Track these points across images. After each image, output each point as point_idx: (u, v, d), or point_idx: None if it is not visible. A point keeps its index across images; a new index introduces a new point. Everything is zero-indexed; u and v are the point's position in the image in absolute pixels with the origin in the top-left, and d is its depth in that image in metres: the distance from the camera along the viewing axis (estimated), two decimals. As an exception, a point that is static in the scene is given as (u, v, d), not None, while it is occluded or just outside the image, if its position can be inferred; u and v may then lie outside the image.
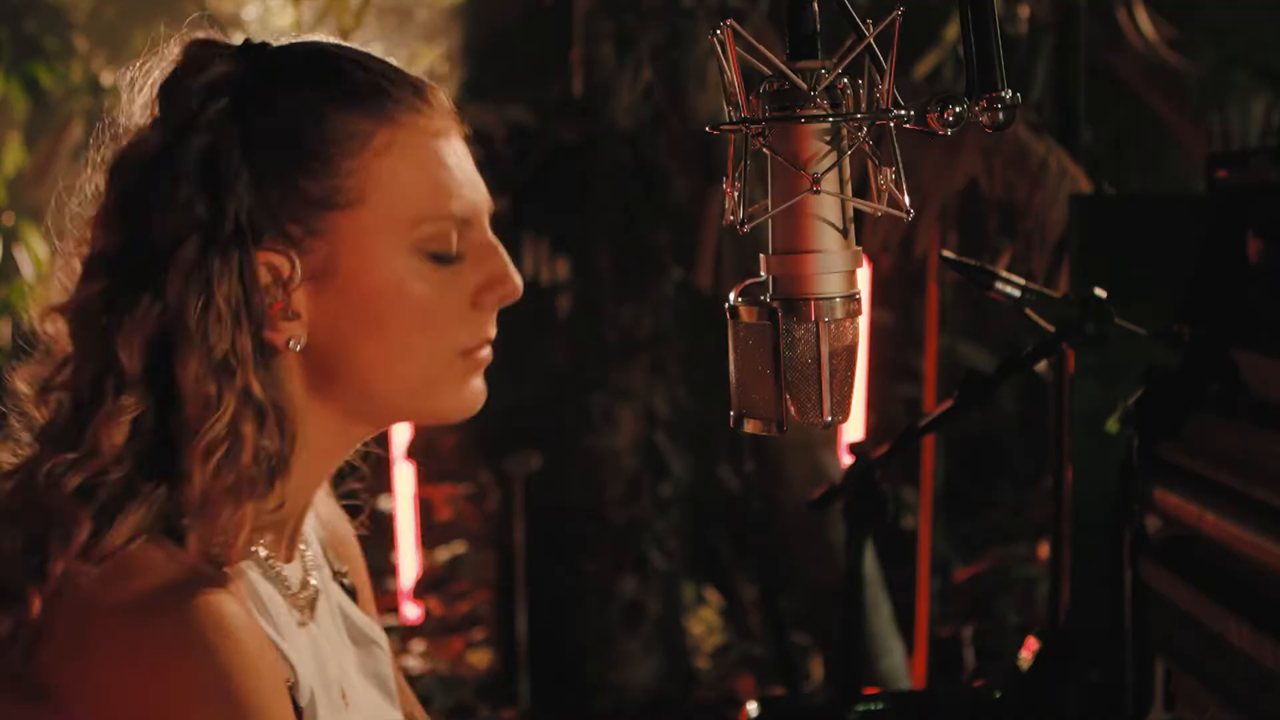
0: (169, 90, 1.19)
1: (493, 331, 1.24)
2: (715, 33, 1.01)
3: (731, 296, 1.05)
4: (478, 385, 1.24)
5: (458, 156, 1.23)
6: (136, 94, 1.21)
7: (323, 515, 1.41)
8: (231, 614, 1.08)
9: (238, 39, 1.24)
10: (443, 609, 5.68)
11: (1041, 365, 2.18)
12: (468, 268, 1.22)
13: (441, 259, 1.20)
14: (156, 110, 1.19)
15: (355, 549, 1.45)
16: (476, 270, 1.22)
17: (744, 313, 1.04)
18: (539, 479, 4.78)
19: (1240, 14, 4.83)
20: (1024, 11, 4.17)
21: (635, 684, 4.88)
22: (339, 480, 1.40)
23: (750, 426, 1.06)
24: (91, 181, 1.21)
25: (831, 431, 4.24)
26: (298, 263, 1.17)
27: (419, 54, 5.63)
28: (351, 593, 1.39)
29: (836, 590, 2.18)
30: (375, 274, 1.18)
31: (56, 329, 1.19)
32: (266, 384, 1.17)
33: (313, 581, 1.28)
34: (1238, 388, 1.88)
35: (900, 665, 4.45)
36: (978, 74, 1.01)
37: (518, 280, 1.24)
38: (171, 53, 1.21)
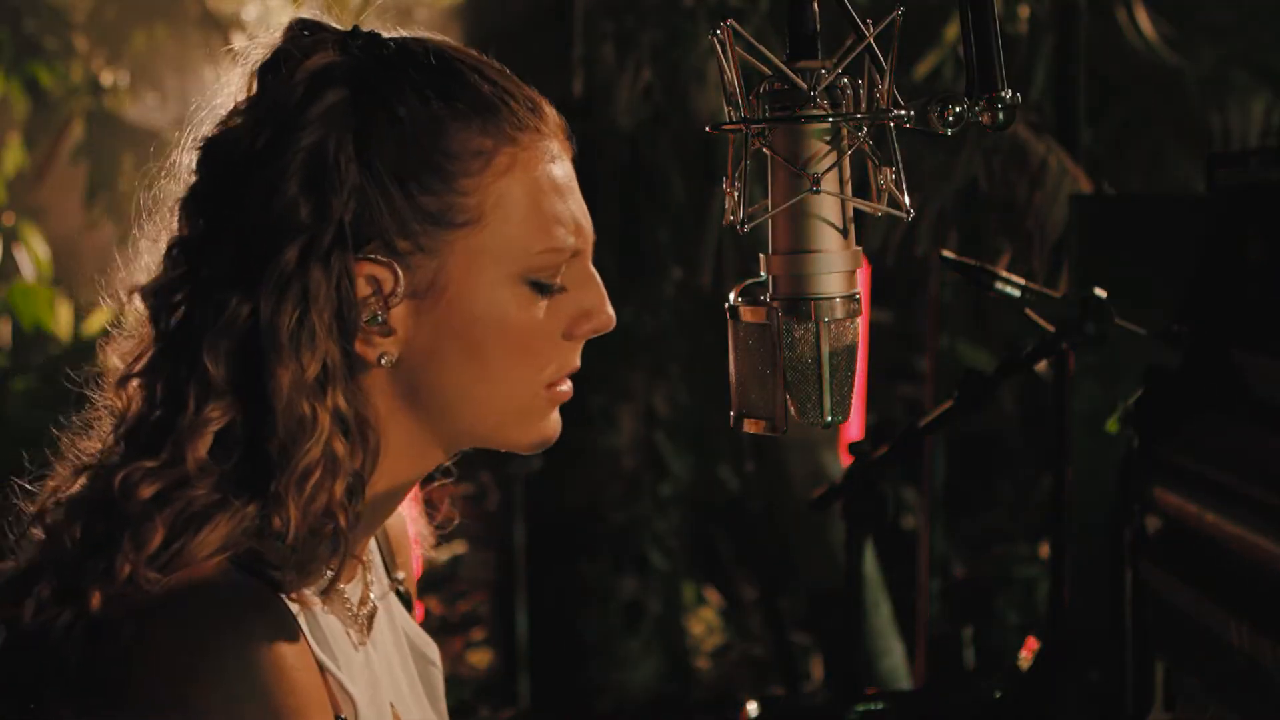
0: (270, 72, 1.14)
1: (578, 363, 1.21)
2: (715, 33, 1.01)
3: (731, 296, 1.05)
4: (555, 419, 1.21)
5: (571, 183, 1.20)
6: (236, 71, 1.15)
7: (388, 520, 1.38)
8: (289, 655, 1.06)
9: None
10: (443, 609, 5.68)
11: (1041, 365, 2.18)
12: (566, 298, 1.18)
13: (544, 289, 1.16)
14: (254, 91, 1.14)
15: (409, 551, 1.43)
16: (574, 301, 1.19)
17: (744, 313, 1.04)
18: (539, 479, 4.78)
19: (1240, 14, 4.83)
20: (1024, 11, 4.17)
21: (635, 684, 4.88)
22: None
23: (750, 426, 1.06)
24: (183, 158, 1.15)
25: (831, 431, 4.24)
26: (402, 277, 1.12)
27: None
28: (407, 600, 1.38)
29: (836, 590, 2.18)
30: (480, 299, 1.14)
31: (140, 312, 1.14)
32: (353, 399, 1.12)
33: (372, 596, 1.26)
34: (1238, 388, 1.88)
35: (900, 665, 4.45)
36: (978, 74, 1.01)
37: (612, 313, 1.21)
38: (273, 32, 1.16)
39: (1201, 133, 4.60)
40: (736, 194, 1.02)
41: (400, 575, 1.39)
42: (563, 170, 1.19)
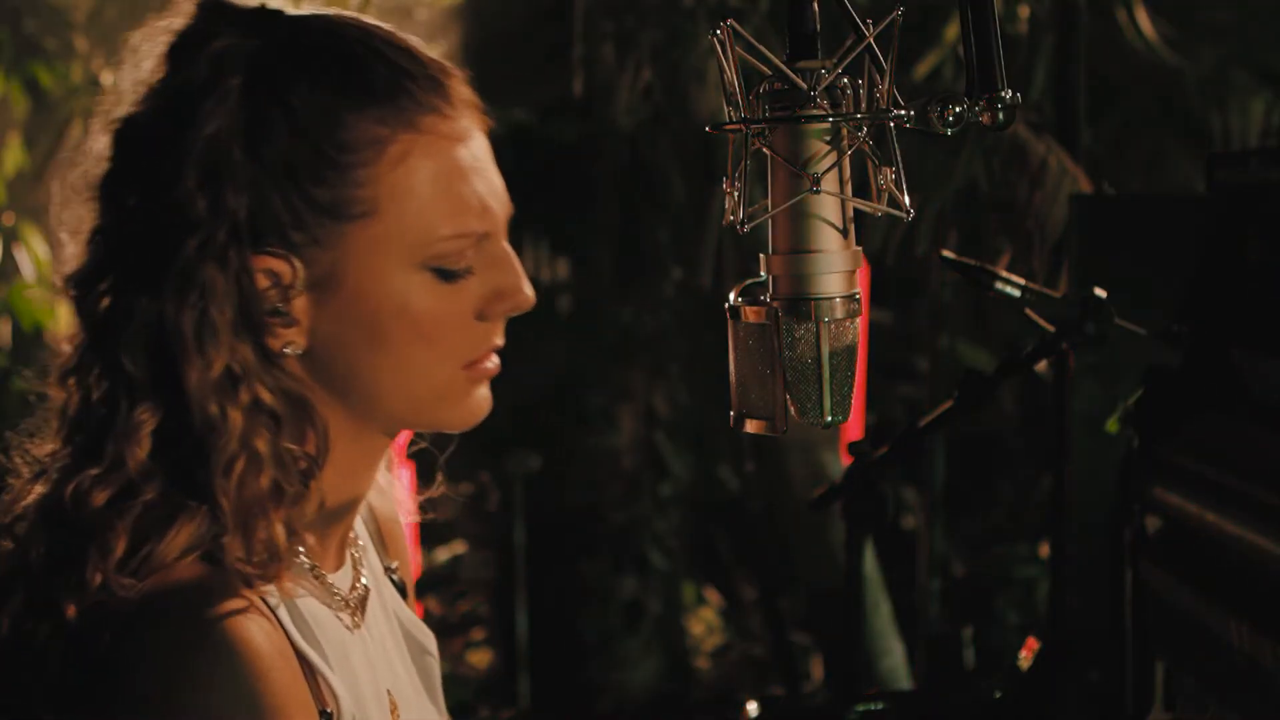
0: (177, 53, 1.11)
1: (500, 340, 1.18)
2: (715, 33, 1.01)
3: (731, 296, 1.05)
4: (482, 395, 1.19)
5: (480, 163, 1.15)
6: (147, 50, 1.13)
7: (376, 506, 1.38)
8: (268, 653, 1.05)
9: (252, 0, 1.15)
10: (443, 609, 5.68)
11: (1041, 365, 2.18)
12: (476, 281, 1.15)
13: (449, 275, 1.14)
14: (164, 72, 1.11)
15: (403, 540, 1.42)
16: (486, 282, 1.16)
17: (744, 313, 1.04)
18: (539, 479, 4.78)
19: (1240, 14, 4.83)
20: (1024, 11, 4.17)
21: (635, 684, 4.88)
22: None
23: (750, 426, 1.06)
24: (97, 141, 1.13)
25: (831, 431, 4.24)
26: (299, 270, 1.10)
27: (419, 54, 5.63)
28: (401, 589, 1.37)
29: (836, 590, 2.18)
30: (380, 289, 1.12)
31: (70, 305, 1.13)
32: (283, 385, 1.11)
33: (363, 580, 1.25)
34: (1238, 388, 1.88)
35: (900, 665, 4.45)
36: (978, 74, 1.01)
37: (529, 291, 1.18)
38: (185, 10, 1.13)
39: (1201, 133, 4.61)
40: (736, 194, 1.02)
41: (394, 564, 1.38)
42: (469, 151, 1.14)
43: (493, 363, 1.19)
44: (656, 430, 5.01)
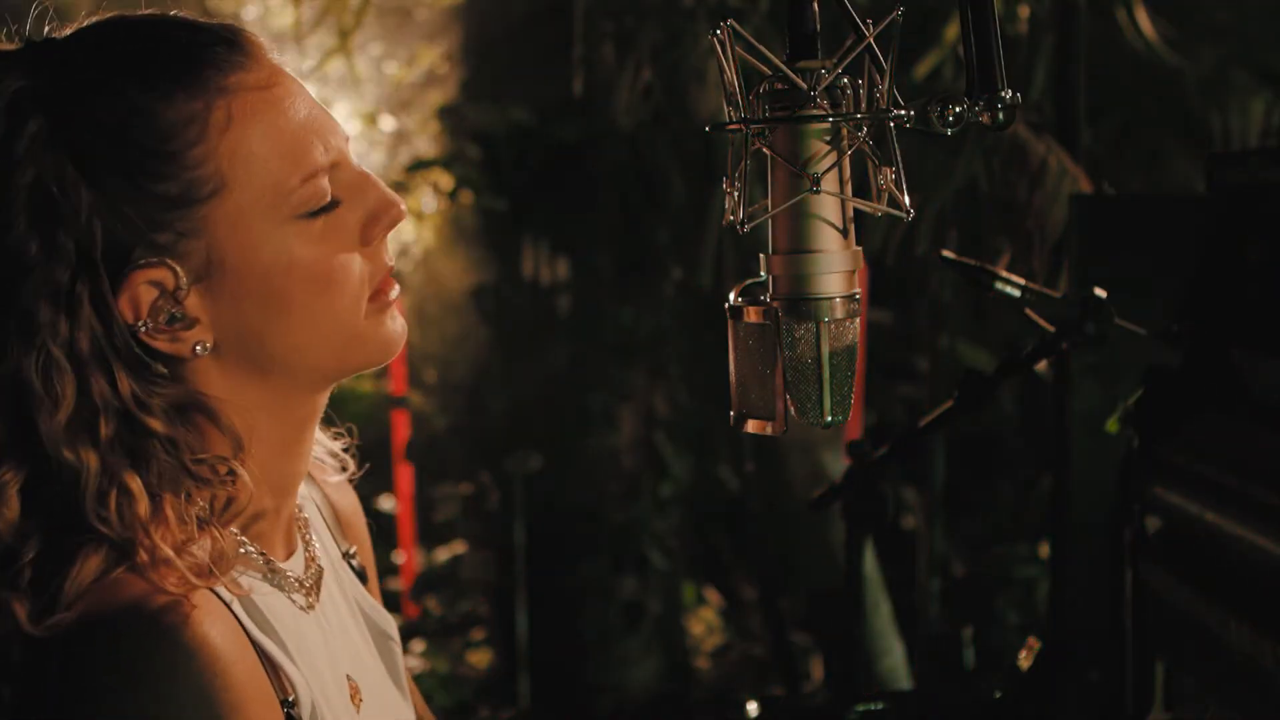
0: None
1: (390, 259, 1.18)
2: (715, 32, 1.01)
3: (731, 296, 1.05)
4: (396, 323, 1.19)
5: (301, 100, 1.14)
6: None
7: (330, 495, 1.38)
8: (222, 647, 1.04)
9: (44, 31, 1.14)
10: (442, 609, 5.68)
11: (1041, 365, 2.18)
12: (346, 209, 1.15)
13: (319, 212, 1.13)
14: None
15: (362, 528, 1.42)
16: (355, 207, 1.15)
17: (744, 313, 1.04)
18: (539, 479, 4.78)
19: (1240, 14, 4.82)
20: (1024, 11, 4.16)
21: (635, 684, 4.88)
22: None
23: (750, 426, 1.06)
24: None
25: (832, 431, 4.24)
26: (179, 270, 1.09)
27: (419, 54, 5.63)
28: (361, 574, 1.37)
29: (836, 590, 2.18)
30: (262, 254, 1.11)
31: None
32: (174, 398, 1.10)
33: (319, 562, 1.25)
34: (1238, 388, 1.88)
35: (900, 665, 4.45)
36: (978, 74, 1.01)
37: (399, 201, 1.17)
38: None
39: (1201, 133, 4.60)
40: (736, 194, 1.02)
41: (352, 548, 1.37)
42: (285, 92, 1.13)
43: (394, 291, 1.18)
44: (656, 430, 5.01)
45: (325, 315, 1.14)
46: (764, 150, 1.01)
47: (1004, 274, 1.91)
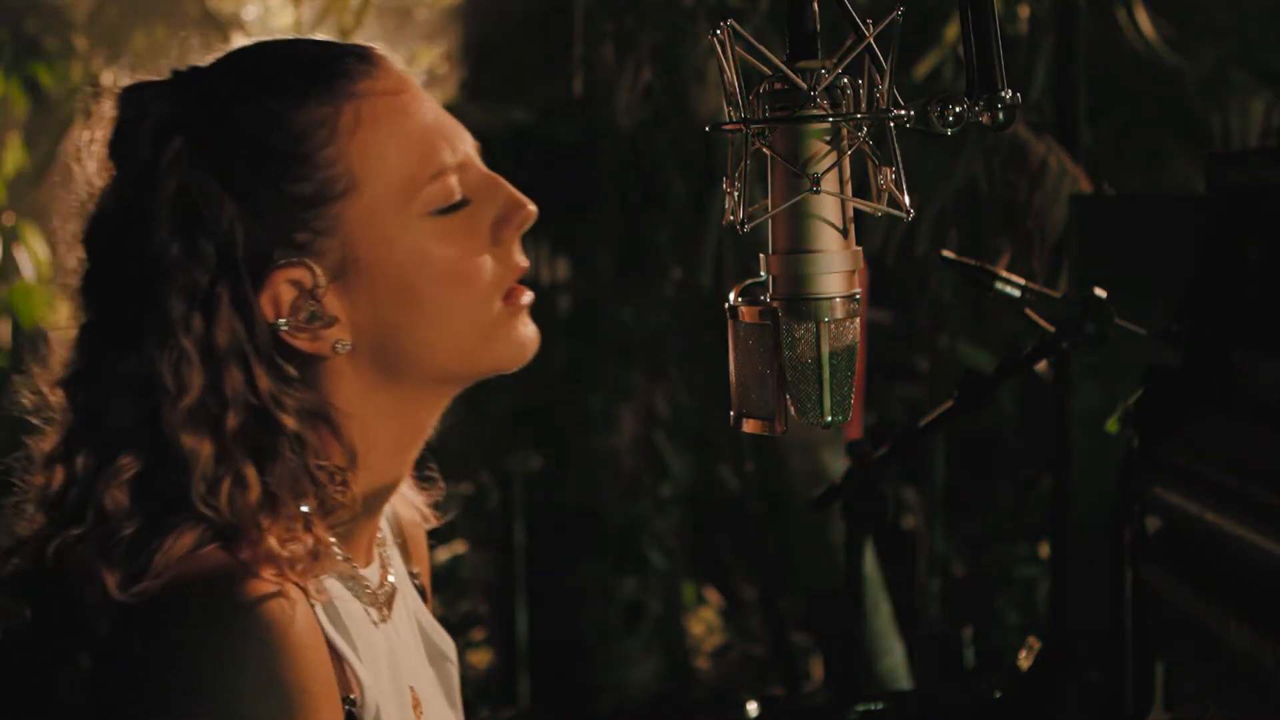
0: (117, 145, 1.16)
1: (523, 260, 1.22)
2: (715, 32, 1.01)
3: (731, 296, 1.05)
4: (529, 328, 1.23)
5: (428, 106, 1.20)
6: (88, 159, 1.18)
7: (400, 513, 1.40)
8: (297, 631, 1.07)
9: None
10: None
11: (1041, 365, 2.18)
12: (477, 208, 1.20)
13: (450, 210, 1.18)
14: (113, 169, 1.16)
15: (425, 550, 1.45)
16: (487, 207, 1.20)
17: (744, 313, 1.04)
18: (539, 479, 4.78)
19: (1240, 14, 4.82)
20: (1024, 11, 4.16)
21: (635, 684, 4.88)
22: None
23: (750, 426, 1.06)
24: (72, 256, 1.18)
25: (831, 431, 4.24)
26: (316, 268, 1.15)
27: (419, 54, 5.63)
28: (423, 594, 1.39)
29: (836, 590, 2.18)
30: (395, 249, 1.16)
31: (59, 402, 1.17)
32: (305, 402, 1.15)
33: (390, 578, 1.28)
34: (1238, 388, 1.88)
35: (900, 665, 4.45)
36: (978, 74, 1.01)
37: (529, 203, 1.22)
38: (106, 109, 1.18)
39: (1201, 133, 4.60)
40: (736, 194, 1.02)
41: (415, 569, 1.40)
42: (415, 98, 1.20)
43: (528, 297, 1.22)
44: (656, 430, 5.01)
45: (457, 312, 1.18)
46: (764, 150, 1.01)
47: (1004, 274, 1.91)
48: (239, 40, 1.23)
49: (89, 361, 1.15)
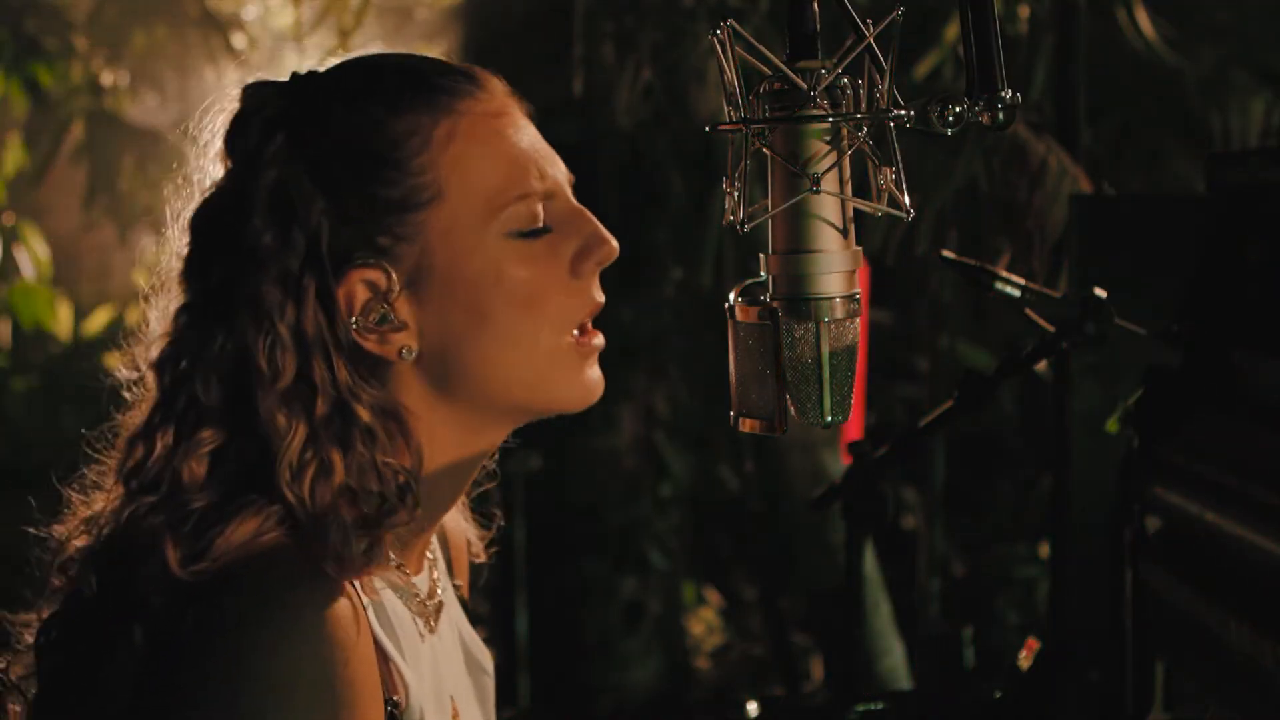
0: (232, 136, 1.20)
1: (600, 297, 1.23)
2: (715, 32, 1.01)
3: (731, 296, 1.05)
4: (595, 373, 1.24)
5: (525, 132, 1.23)
6: (206, 148, 1.22)
7: (448, 527, 1.41)
8: (347, 628, 1.08)
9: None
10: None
11: (1041, 365, 2.18)
12: (559, 238, 1.21)
13: (531, 235, 1.19)
14: (228, 161, 1.20)
15: (466, 565, 1.46)
16: (569, 238, 1.21)
17: (744, 313, 1.04)
18: (539, 479, 4.77)
19: (1240, 14, 4.82)
20: (1024, 11, 4.16)
21: (635, 684, 4.88)
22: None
23: (750, 426, 1.06)
24: (178, 240, 1.22)
25: (831, 431, 4.24)
26: (393, 273, 1.17)
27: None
28: (465, 607, 1.40)
29: (836, 590, 2.18)
30: (471, 264, 1.17)
31: (148, 382, 1.20)
32: (377, 400, 1.17)
33: (439, 591, 1.29)
34: (1238, 388, 1.88)
35: (900, 665, 4.45)
36: (978, 74, 1.01)
37: (613, 241, 1.23)
38: (231, 101, 1.23)
39: (1201, 133, 4.60)
40: (736, 194, 1.02)
41: (458, 582, 1.41)
42: (511, 123, 1.22)
43: (599, 339, 1.24)
44: (656, 430, 5.00)
45: (525, 336, 1.19)
46: (764, 150, 1.01)
47: (1004, 274, 1.91)
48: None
49: (183, 341, 1.17)
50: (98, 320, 6.05)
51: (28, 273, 5.26)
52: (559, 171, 1.24)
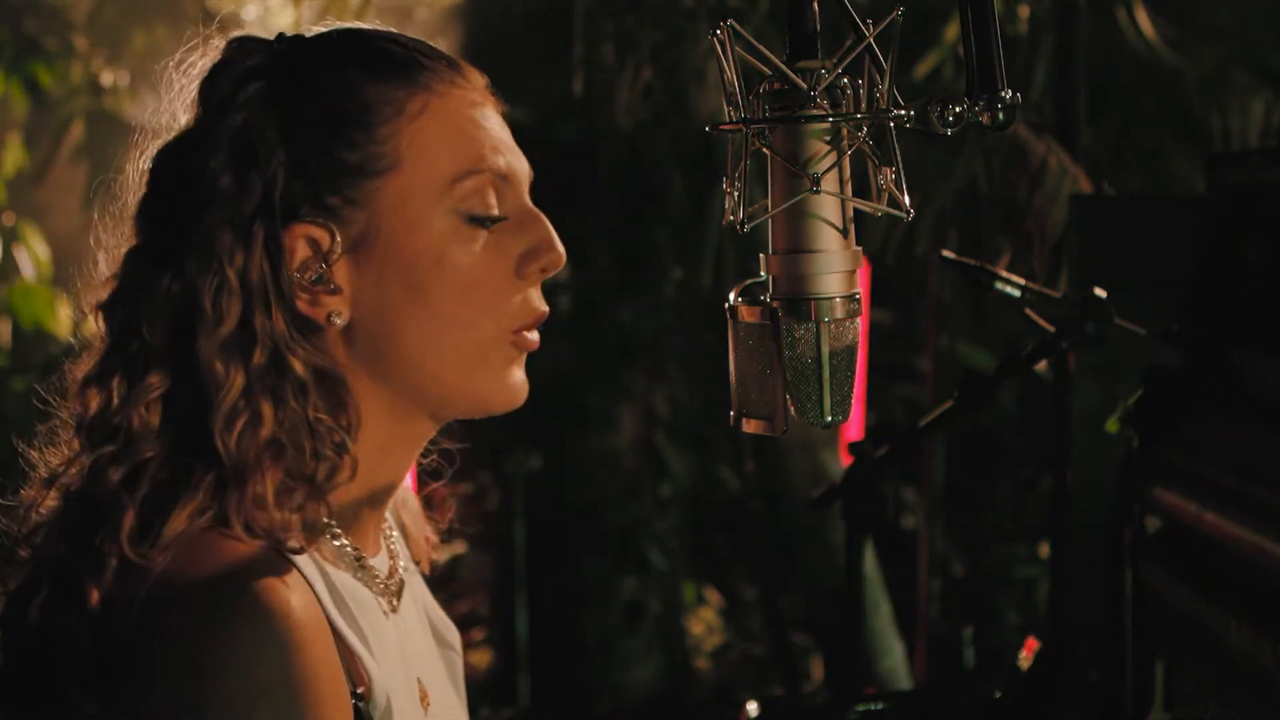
0: (208, 83, 1.20)
1: (542, 306, 1.22)
2: (715, 33, 1.01)
3: (731, 296, 1.05)
4: (519, 376, 1.23)
5: (494, 122, 1.22)
6: (179, 92, 1.22)
7: (406, 521, 1.41)
8: (304, 621, 1.07)
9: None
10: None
11: (1041, 365, 2.18)
12: (509, 233, 1.20)
13: (482, 220, 1.19)
14: (196, 101, 1.20)
15: (423, 549, 1.45)
16: (519, 236, 1.20)
17: (744, 313, 1.04)
18: (539, 479, 4.77)
19: (1240, 14, 4.82)
20: (1024, 11, 4.17)
21: (635, 684, 4.88)
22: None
23: (750, 426, 1.06)
24: (137, 181, 1.21)
25: (831, 431, 4.24)
26: (337, 234, 1.16)
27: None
28: (428, 582, 1.40)
29: (836, 590, 2.18)
30: (416, 238, 1.17)
31: (97, 325, 1.19)
32: (315, 359, 1.16)
33: (400, 569, 1.29)
34: (1238, 388, 1.87)
35: (900, 665, 4.46)
36: (978, 74, 1.01)
37: (561, 249, 1.22)
38: (212, 50, 1.23)
39: (1201, 133, 4.60)
40: (736, 194, 1.02)
41: (418, 562, 1.41)
42: (482, 112, 1.22)
43: (535, 337, 1.22)
44: (656, 430, 5.01)
45: (459, 323, 1.18)
46: (764, 150, 1.01)
47: (1004, 274, 1.91)
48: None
49: (131, 283, 1.17)
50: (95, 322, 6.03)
51: (28, 273, 5.25)
52: (520, 165, 1.23)
